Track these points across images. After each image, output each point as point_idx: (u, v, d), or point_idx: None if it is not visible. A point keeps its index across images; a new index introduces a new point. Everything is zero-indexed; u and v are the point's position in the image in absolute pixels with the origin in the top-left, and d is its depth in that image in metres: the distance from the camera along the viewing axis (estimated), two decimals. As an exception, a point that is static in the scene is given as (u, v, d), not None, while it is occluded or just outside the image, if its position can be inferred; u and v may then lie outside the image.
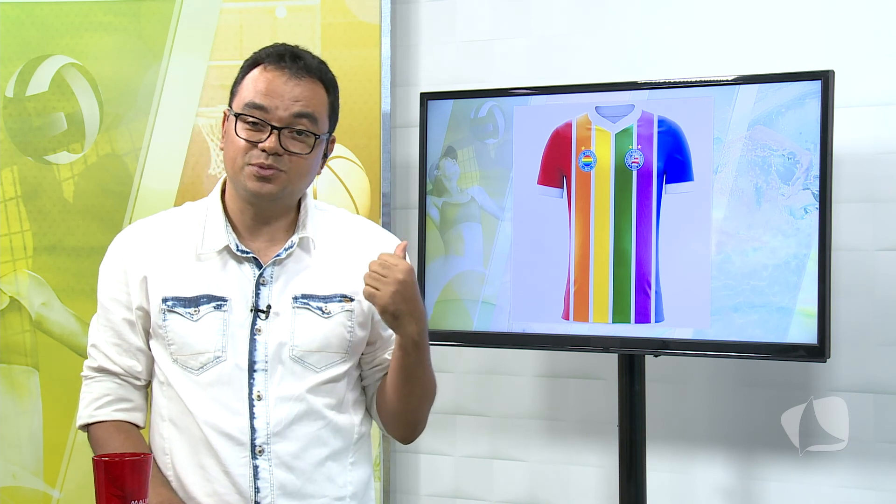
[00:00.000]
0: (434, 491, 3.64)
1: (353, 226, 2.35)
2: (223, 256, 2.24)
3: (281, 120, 2.19)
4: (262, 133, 2.19)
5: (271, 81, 2.20)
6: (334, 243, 2.29)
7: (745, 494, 3.26)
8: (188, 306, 2.21)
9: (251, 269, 2.23)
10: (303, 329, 2.22)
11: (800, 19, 3.20)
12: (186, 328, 2.21)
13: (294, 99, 2.20)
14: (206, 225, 2.26)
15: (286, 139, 2.19)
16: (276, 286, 2.23)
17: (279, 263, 2.24)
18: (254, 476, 2.18)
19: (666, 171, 2.95)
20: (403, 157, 3.65)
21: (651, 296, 2.95)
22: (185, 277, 2.23)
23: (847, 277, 3.12)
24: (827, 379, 3.17)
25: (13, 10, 3.61)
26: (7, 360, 3.61)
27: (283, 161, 2.19)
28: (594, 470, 3.44)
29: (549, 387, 3.52)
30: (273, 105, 2.19)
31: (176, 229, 2.29)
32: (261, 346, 2.20)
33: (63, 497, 3.57)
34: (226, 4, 3.57)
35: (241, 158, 2.20)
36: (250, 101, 2.20)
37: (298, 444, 2.21)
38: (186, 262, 2.24)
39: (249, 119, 2.19)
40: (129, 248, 2.28)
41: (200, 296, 2.22)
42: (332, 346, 2.24)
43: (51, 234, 3.60)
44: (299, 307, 2.23)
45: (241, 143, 2.20)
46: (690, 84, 2.96)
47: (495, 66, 3.56)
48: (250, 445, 2.19)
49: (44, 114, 3.61)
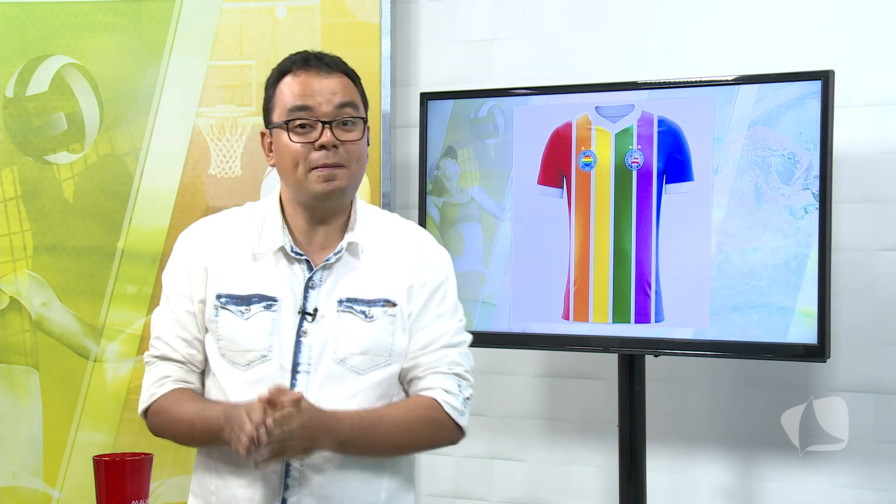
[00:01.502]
0: (434, 491, 3.64)
1: (400, 231, 2.38)
2: (277, 257, 2.29)
3: (327, 114, 2.25)
4: (313, 132, 2.24)
5: (305, 83, 2.27)
6: (382, 248, 2.32)
7: (745, 494, 3.27)
8: (240, 304, 2.26)
9: (302, 272, 2.28)
10: (346, 332, 2.25)
11: (800, 19, 3.21)
12: (237, 325, 2.25)
13: (332, 92, 2.26)
14: (265, 225, 2.31)
15: (337, 131, 2.25)
16: (323, 289, 2.26)
17: (328, 267, 2.28)
18: (284, 474, 2.21)
19: (666, 171, 2.95)
20: (403, 157, 3.65)
21: (651, 296, 2.95)
22: (240, 276, 2.28)
23: (847, 277, 3.12)
24: (827, 379, 3.17)
25: (13, 10, 3.60)
26: (7, 360, 3.61)
27: (341, 154, 2.25)
28: (594, 470, 3.44)
29: (549, 387, 3.52)
30: (315, 103, 2.25)
31: (236, 228, 2.34)
32: (305, 347, 2.24)
33: (63, 497, 3.57)
34: (226, 4, 3.57)
35: (303, 164, 2.25)
36: (292, 105, 2.26)
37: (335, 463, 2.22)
38: (243, 261, 2.29)
39: (298, 122, 2.25)
40: (193, 244, 2.34)
41: (252, 295, 2.27)
42: (375, 350, 2.26)
43: (51, 234, 3.60)
44: (344, 311, 2.26)
45: (297, 147, 2.24)
46: (690, 84, 2.96)
47: (495, 66, 3.56)
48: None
49: (44, 114, 3.61)
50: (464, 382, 2.30)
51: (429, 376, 2.28)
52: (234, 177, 3.55)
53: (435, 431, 2.28)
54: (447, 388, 2.27)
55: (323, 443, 2.14)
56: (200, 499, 2.30)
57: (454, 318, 2.33)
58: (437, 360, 2.28)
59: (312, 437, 2.11)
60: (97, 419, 3.54)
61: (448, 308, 2.32)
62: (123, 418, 3.52)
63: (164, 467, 3.42)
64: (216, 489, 2.26)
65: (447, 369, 2.28)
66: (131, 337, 3.54)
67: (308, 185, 2.25)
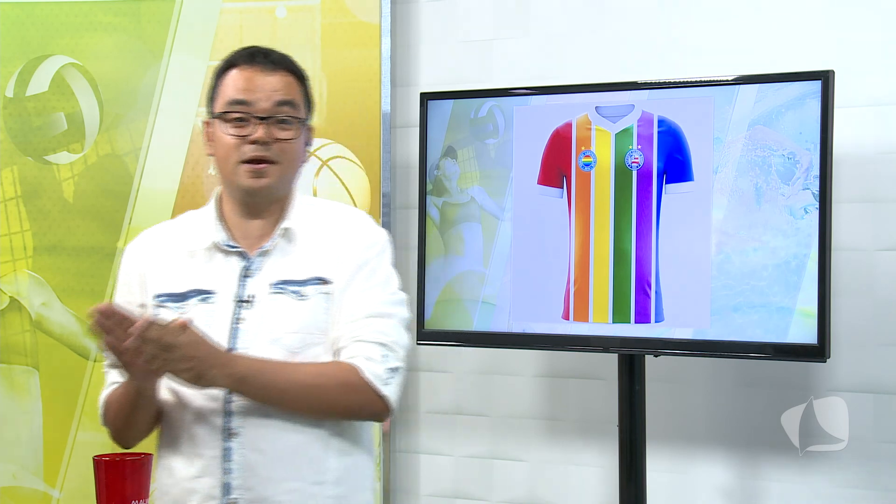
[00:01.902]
0: (434, 491, 3.64)
1: (335, 214, 2.41)
2: (212, 252, 2.34)
3: (264, 111, 2.29)
4: (249, 127, 2.29)
5: (248, 78, 2.31)
6: (316, 232, 2.35)
7: (745, 494, 3.27)
8: (178, 301, 2.31)
9: (238, 263, 2.32)
10: (279, 313, 2.27)
11: (800, 19, 3.21)
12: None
13: (272, 89, 2.30)
14: (201, 224, 2.37)
15: (272, 128, 2.29)
16: (259, 277, 2.30)
17: (264, 255, 2.32)
18: (224, 458, 2.24)
19: (666, 171, 2.95)
20: (403, 157, 3.65)
21: (651, 296, 2.95)
22: (177, 274, 2.33)
23: (847, 277, 3.12)
24: (827, 379, 3.17)
25: (13, 10, 3.61)
26: (7, 360, 3.61)
27: (273, 151, 2.29)
28: (594, 470, 3.44)
29: (549, 387, 3.52)
30: (254, 98, 2.29)
31: (174, 232, 2.41)
32: (242, 333, 2.27)
33: (63, 497, 3.57)
34: (226, 4, 3.57)
35: (234, 156, 2.30)
36: (231, 98, 2.31)
37: (272, 428, 2.24)
38: (179, 260, 2.35)
39: (234, 115, 2.30)
40: (133, 254, 2.42)
41: (189, 290, 2.32)
42: (309, 328, 2.28)
43: (51, 234, 3.60)
44: (276, 292, 2.29)
45: (230, 140, 2.30)
46: (690, 84, 2.96)
47: (495, 66, 3.56)
48: (223, 428, 2.24)
49: (44, 114, 3.61)
50: (390, 353, 2.27)
51: (352, 345, 2.26)
52: (234, 177, 3.55)
53: (349, 394, 2.24)
54: (369, 355, 2.25)
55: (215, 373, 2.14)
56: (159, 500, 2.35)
57: (385, 291, 2.32)
58: (360, 328, 2.27)
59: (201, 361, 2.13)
60: (97, 419, 3.52)
61: (378, 282, 2.31)
62: (123, 418, 3.52)
63: (164, 467, 3.42)
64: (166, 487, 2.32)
65: (371, 338, 2.27)
66: (131, 337, 3.54)
67: (237, 179, 2.30)
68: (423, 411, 3.64)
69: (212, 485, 2.24)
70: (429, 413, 3.65)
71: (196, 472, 2.26)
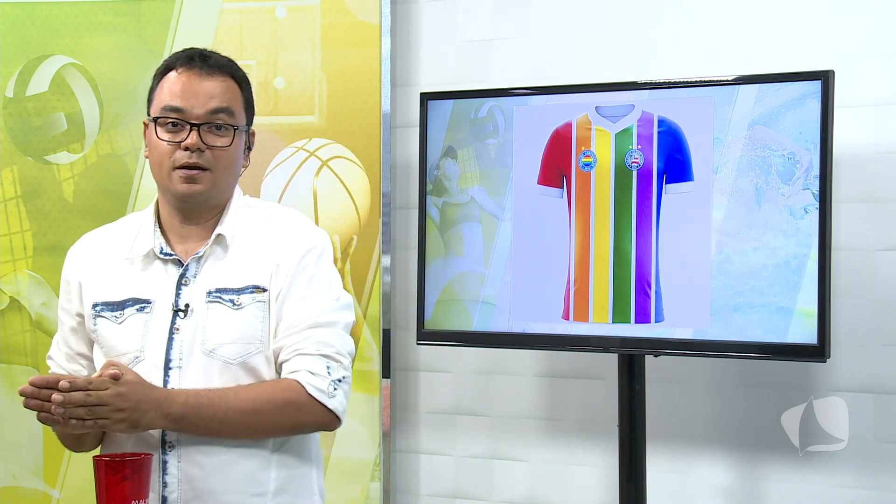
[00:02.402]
0: (434, 491, 3.64)
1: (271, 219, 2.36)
2: (149, 260, 2.31)
3: (198, 117, 2.26)
4: (182, 133, 2.26)
5: (185, 83, 2.28)
6: (251, 237, 2.32)
7: (745, 494, 3.26)
8: (115, 310, 2.29)
9: (175, 270, 2.30)
10: (214, 323, 2.25)
11: (800, 19, 3.20)
12: (112, 331, 2.28)
13: (209, 96, 2.27)
14: (139, 231, 2.34)
15: (206, 135, 2.26)
16: (195, 285, 2.28)
17: (199, 262, 2.29)
18: (162, 471, 2.23)
19: (666, 171, 2.95)
20: (403, 157, 3.65)
21: (651, 296, 2.95)
22: (114, 282, 2.31)
23: (847, 277, 3.12)
24: (827, 379, 3.17)
25: (13, 10, 3.61)
26: (7, 360, 3.61)
27: (206, 157, 2.26)
28: (594, 470, 3.44)
29: (549, 387, 3.52)
30: (189, 105, 2.26)
31: (113, 238, 2.38)
32: (177, 343, 2.24)
33: (63, 497, 3.56)
34: (226, 4, 3.57)
35: (167, 162, 2.27)
36: (167, 104, 2.27)
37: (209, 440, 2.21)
38: (117, 268, 2.32)
39: (168, 121, 2.27)
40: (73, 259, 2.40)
41: (126, 299, 2.29)
42: (245, 338, 2.25)
43: (51, 234, 3.60)
44: (212, 301, 2.26)
45: (164, 145, 2.27)
46: (690, 84, 2.96)
47: (495, 66, 3.56)
48: (160, 441, 2.22)
49: (44, 114, 3.61)
50: (334, 364, 2.24)
51: (294, 358, 2.23)
52: (234, 177, 3.55)
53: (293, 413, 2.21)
54: (312, 369, 2.22)
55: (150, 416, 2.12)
56: None
57: (326, 298, 2.28)
58: (301, 340, 2.24)
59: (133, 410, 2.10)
60: (97, 419, 3.53)
61: (318, 288, 2.28)
62: (123, 418, 3.52)
63: (164, 467, 3.42)
64: None
65: (313, 350, 2.24)
66: (131, 337, 3.54)
67: (171, 185, 2.28)
68: (423, 411, 3.64)
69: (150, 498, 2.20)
70: (429, 413, 3.65)
71: None
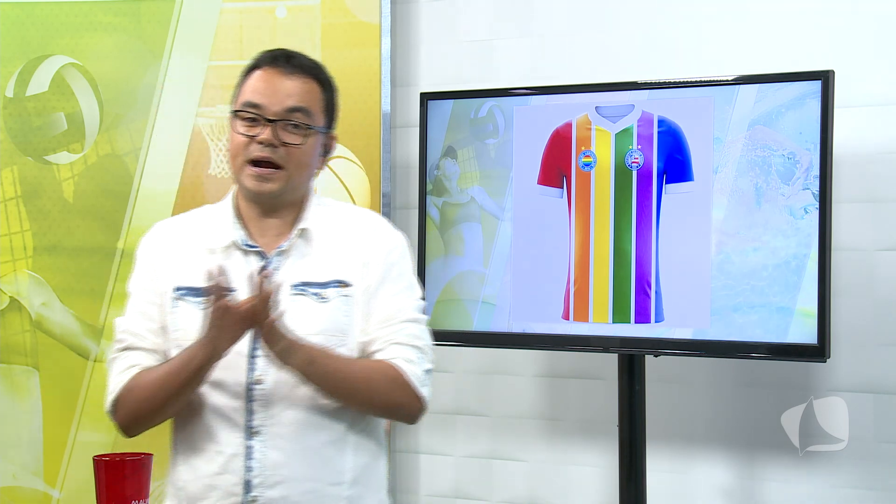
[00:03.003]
0: (434, 491, 3.64)
1: (352, 216, 2.43)
2: (231, 251, 2.33)
3: (275, 114, 2.29)
4: (259, 128, 2.29)
5: (266, 80, 2.32)
6: (334, 233, 2.36)
7: (745, 494, 3.27)
8: (197, 296, 2.29)
9: (256, 262, 2.32)
10: (300, 315, 2.27)
11: (800, 19, 3.21)
12: (194, 316, 2.28)
13: (287, 94, 2.31)
14: (218, 222, 2.37)
15: (282, 132, 2.29)
16: (277, 276, 2.30)
17: (282, 255, 2.32)
18: (246, 456, 2.25)
19: (666, 171, 2.95)
20: (403, 157, 3.65)
21: (651, 296, 2.95)
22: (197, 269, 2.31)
23: (847, 277, 3.12)
24: (827, 379, 3.17)
25: (13, 10, 3.61)
26: (7, 360, 3.61)
27: (279, 154, 2.29)
28: (594, 470, 3.44)
29: (549, 387, 3.52)
30: (267, 101, 2.30)
31: (191, 227, 2.41)
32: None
33: (63, 497, 3.57)
34: (226, 4, 3.57)
35: (241, 154, 2.31)
36: (247, 100, 2.32)
37: (293, 427, 2.26)
38: (199, 256, 2.34)
39: (246, 116, 2.30)
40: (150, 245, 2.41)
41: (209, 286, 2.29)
42: (330, 330, 2.29)
43: (51, 234, 3.60)
44: (297, 294, 2.29)
45: (240, 138, 2.31)
46: (690, 84, 2.96)
47: (495, 66, 3.56)
48: (245, 426, 2.25)
49: (44, 114, 3.61)
50: (423, 356, 2.32)
51: (388, 347, 2.30)
52: (234, 177, 3.55)
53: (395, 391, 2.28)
54: (407, 357, 2.30)
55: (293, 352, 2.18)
56: (173, 498, 2.34)
57: (413, 297, 2.35)
58: (395, 332, 2.31)
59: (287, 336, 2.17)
60: (97, 419, 3.53)
61: (405, 286, 2.35)
62: (123, 418, 3.52)
63: (164, 467, 3.42)
64: (183, 483, 2.31)
65: (407, 341, 2.31)
66: (131, 337, 3.54)
67: (243, 179, 2.31)
68: (423, 411, 3.64)
69: (233, 482, 2.24)
70: (429, 413, 3.63)
71: (217, 468, 2.26)
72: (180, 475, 2.32)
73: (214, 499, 2.26)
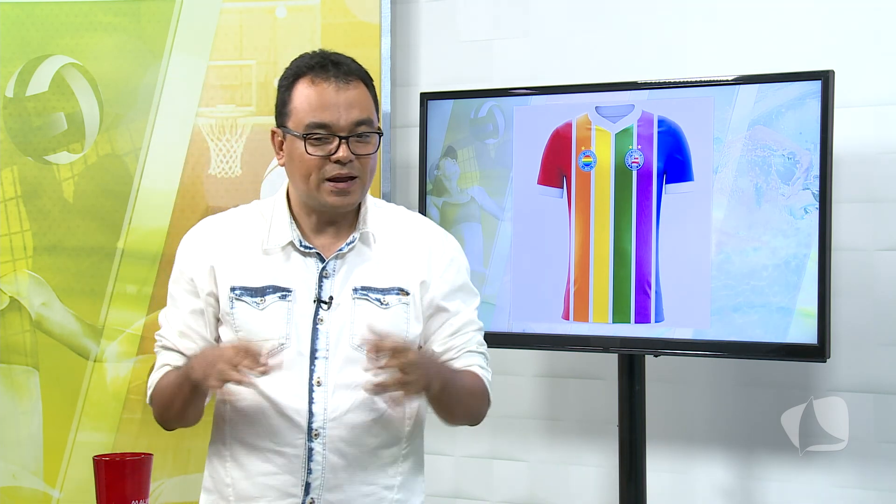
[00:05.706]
0: (434, 491, 3.63)
1: (409, 222, 2.44)
2: (287, 251, 2.33)
3: (344, 129, 2.27)
4: (329, 145, 2.27)
5: (322, 94, 2.28)
6: (393, 238, 2.37)
7: (745, 494, 3.27)
8: (255, 295, 2.30)
9: (315, 263, 2.32)
10: (363, 319, 2.29)
11: (800, 19, 3.21)
12: (253, 316, 2.29)
13: (349, 106, 2.28)
14: (272, 222, 2.35)
15: (354, 144, 2.28)
16: (337, 278, 2.31)
17: (341, 257, 2.33)
18: (308, 458, 2.26)
19: (666, 171, 2.95)
20: (403, 157, 3.65)
21: (651, 296, 2.95)
22: (252, 269, 2.32)
23: (847, 277, 3.12)
24: (827, 379, 3.17)
25: (13, 10, 3.60)
26: (7, 360, 3.61)
27: (355, 166, 2.29)
28: (594, 470, 3.44)
29: (549, 387, 3.52)
30: (334, 119, 2.27)
31: (242, 225, 2.38)
32: (322, 334, 2.28)
33: (63, 497, 3.56)
34: (226, 4, 3.57)
35: (316, 175, 2.28)
36: (311, 121, 2.27)
37: (353, 430, 2.27)
38: (253, 255, 2.34)
39: (315, 137, 2.27)
40: (197, 243, 2.38)
41: (266, 286, 2.31)
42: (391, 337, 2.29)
43: (51, 234, 3.60)
44: (359, 298, 2.30)
45: (313, 160, 2.28)
46: (690, 84, 2.96)
47: (495, 66, 3.56)
48: (307, 428, 2.26)
49: (44, 114, 3.61)
50: (488, 362, 2.43)
51: (463, 356, 2.37)
52: (234, 177, 3.55)
53: (484, 401, 2.40)
54: (481, 364, 2.39)
55: (434, 380, 2.22)
56: (214, 493, 2.33)
57: (474, 305, 2.42)
58: (467, 341, 2.38)
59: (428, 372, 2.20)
60: (97, 419, 3.53)
61: (470, 294, 2.41)
62: (123, 418, 3.52)
63: (164, 467, 3.42)
64: (233, 481, 2.30)
65: (478, 349, 2.40)
66: (131, 337, 3.54)
67: (321, 197, 2.29)
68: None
69: (292, 483, 2.25)
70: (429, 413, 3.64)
71: (275, 468, 2.26)
72: (228, 472, 2.31)
73: (271, 498, 2.27)
